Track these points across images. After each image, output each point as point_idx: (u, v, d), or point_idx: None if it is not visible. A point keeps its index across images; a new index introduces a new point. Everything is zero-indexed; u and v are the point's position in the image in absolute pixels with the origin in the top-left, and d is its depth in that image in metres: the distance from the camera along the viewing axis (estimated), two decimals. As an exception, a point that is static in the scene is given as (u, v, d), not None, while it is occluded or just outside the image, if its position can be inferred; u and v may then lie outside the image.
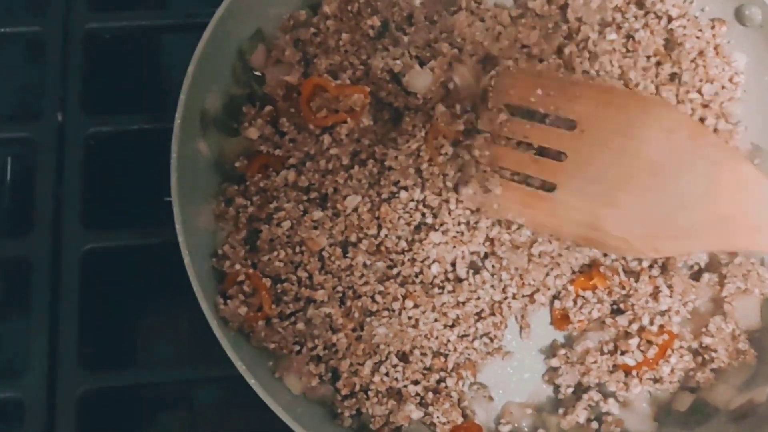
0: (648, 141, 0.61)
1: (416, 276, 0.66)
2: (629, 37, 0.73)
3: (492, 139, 0.67)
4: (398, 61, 0.69)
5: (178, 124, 0.61)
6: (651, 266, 0.68)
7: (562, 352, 0.67)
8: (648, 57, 0.73)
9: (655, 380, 0.66)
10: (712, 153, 0.60)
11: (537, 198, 0.65)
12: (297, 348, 0.63)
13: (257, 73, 0.70)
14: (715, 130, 0.72)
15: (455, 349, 0.65)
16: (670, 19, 0.74)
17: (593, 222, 0.62)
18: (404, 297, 0.64)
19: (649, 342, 0.65)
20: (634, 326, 0.66)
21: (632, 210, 0.61)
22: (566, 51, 0.73)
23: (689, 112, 0.72)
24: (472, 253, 0.67)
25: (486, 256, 0.68)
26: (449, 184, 0.68)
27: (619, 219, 0.61)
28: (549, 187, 0.65)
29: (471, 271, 0.67)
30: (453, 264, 0.67)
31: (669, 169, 0.60)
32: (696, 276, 0.70)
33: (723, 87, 0.73)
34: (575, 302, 0.68)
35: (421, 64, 0.70)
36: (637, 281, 0.67)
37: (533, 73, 0.69)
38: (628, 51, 0.73)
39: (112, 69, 0.80)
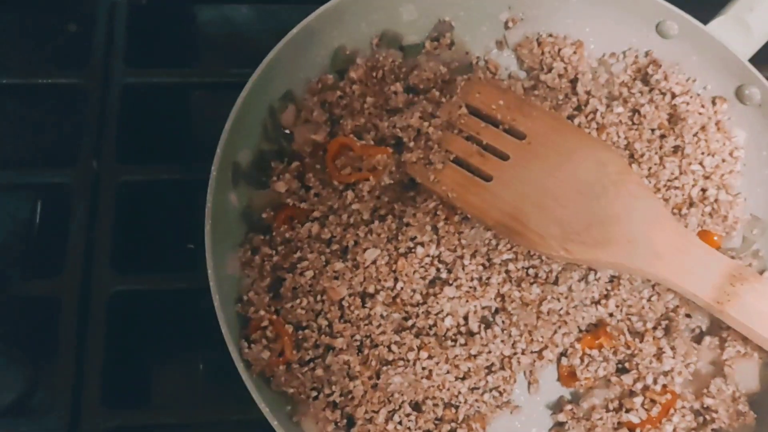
0: (583, 166, 0.70)
1: (430, 328, 0.69)
2: (635, 111, 0.78)
3: (446, 126, 0.72)
4: (418, 125, 0.74)
5: (214, 176, 0.64)
6: (655, 328, 0.71)
7: (569, 407, 0.69)
8: (653, 130, 0.78)
9: (659, 439, 0.68)
10: (633, 188, 0.69)
11: (472, 182, 0.71)
12: (315, 394, 0.65)
13: (287, 131, 0.74)
14: (716, 201, 0.76)
15: (466, 401, 0.67)
16: (673, 96, 0.79)
17: (517, 215, 0.69)
18: (419, 348, 0.67)
19: (653, 401, 0.68)
20: (639, 385, 0.68)
21: (554, 214, 0.69)
22: (576, 122, 0.78)
23: (691, 182, 0.76)
24: (483, 308, 0.70)
25: (497, 311, 0.70)
26: (464, 242, 0.71)
27: (541, 218, 0.68)
28: (485, 177, 0.71)
29: (482, 326, 0.69)
30: (465, 318, 0.69)
31: (595, 192, 0.69)
32: (698, 339, 0.72)
33: (723, 160, 0.77)
34: (582, 360, 0.70)
35: (440, 128, 0.74)
36: (641, 342, 0.70)
37: (500, 87, 0.77)
38: (633, 124, 0.78)
39: (145, 121, 0.84)
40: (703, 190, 0.76)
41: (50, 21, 0.89)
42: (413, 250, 0.70)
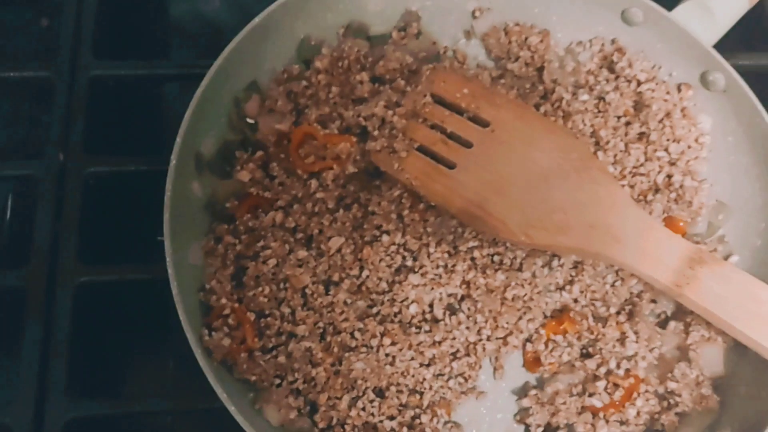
0: (545, 153, 0.71)
1: (395, 315, 0.69)
2: (600, 98, 0.78)
3: (411, 115, 0.73)
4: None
5: (173, 165, 0.64)
6: (618, 312, 0.71)
7: (533, 393, 0.69)
8: (618, 117, 0.78)
9: (622, 422, 0.68)
10: (595, 175, 0.70)
11: (436, 170, 0.71)
12: (277, 381, 0.65)
13: (251, 120, 0.74)
14: (681, 187, 0.76)
15: (430, 388, 0.67)
16: (639, 83, 0.79)
17: (480, 202, 0.69)
18: (382, 334, 0.67)
19: (616, 385, 0.68)
20: (602, 370, 0.69)
21: (517, 201, 0.69)
22: (542, 110, 0.78)
23: (657, 169, 0.76)
24: (449, 295, 0.70)
25: (462, 298, 0.71)
26: (429, 230, 0.72)
27: (504, 205, 0.69)
28: (449, 165, 0.71)
29: (447, 313, 0.70)
30: (431, 305, 0.70)
31: (556, 178, 0.70)
32: (663, 324, 0.73)
33: (689, 146, 0.77)
34: (546, 345, 0.70)
35: (405, 117, 0.74)
36: (605, 326, 0.70)
37: (465, 76, 0.77)
38: (599, 111, 0.78)
39: (113, 113, 0.84)
40: (669, 177, 0.76)
41: (19, 14, 0.89)
42: (379, 239, 0.70)
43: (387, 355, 0.67)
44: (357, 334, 0.67)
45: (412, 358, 0.67)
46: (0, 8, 0.90)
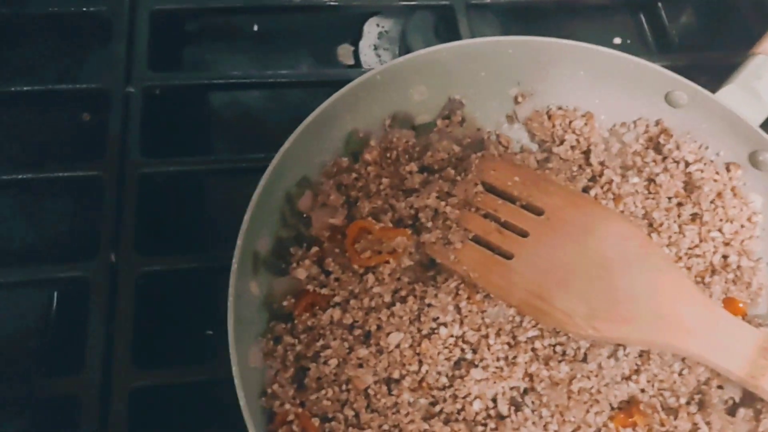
0: (604, 241, 0.69)
1: (459, 413, 0.67)
2: (650, 180, 0.78)
3: (463, 205, 0.72)
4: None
5: (235, 269, 0.64)
6: (688, 403, 0.69)
7: (606, 490, 0.67)
8: (669, 198, 0.78)
9: None
10: (656, 261, 0.69)
11: (493, 261, 0.70)
12: (344, 489, 0.63)
13: (304, 215, 0.74)
14: (739, 267, 0.75)
15: (500, 489, 0.65)
16: (687, 164, 0.79)
17: (541, 293, 0.68)
18: (449, 435, 0.65)
19: (691, 480, 0.66)
20: (676, 464, 0.67)
21: (580, 292, 0.67)
22: (592, 192, 0.78)
23: (712, 250, 0.75)
24: (512, 389, 0.68)
25: (526, 392, 0.69)
26: (487, 320, 0.70)
27: (567, 297, 0.67)
28: (506, 255, 0.70)
29: (512, 408, 0.68)
30: (494, 400, 0.68)
31: (618, 267, 0.68)
32: (731, 410, 0.70)
33: (742, 226, 0.77)
34: (616, 439, 0.68)
35: (458, 206, 0.74)
36: (676, 419, 0.68)
37: (514, 163, 0.77)
38: (650, 193, 0.78)
39: (161, 210, 0.84)
40: (725, 257, 0.76)
41: (65, 114, 0.90)
42: (436, 331, 0.69)
43: (455, 456, 0.65)
44: (424, 437, 0.65)
45: (481, 458, 0.65)
46: (45, 109, 0.91)
